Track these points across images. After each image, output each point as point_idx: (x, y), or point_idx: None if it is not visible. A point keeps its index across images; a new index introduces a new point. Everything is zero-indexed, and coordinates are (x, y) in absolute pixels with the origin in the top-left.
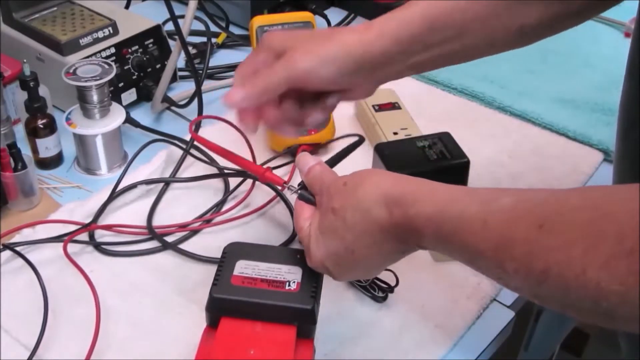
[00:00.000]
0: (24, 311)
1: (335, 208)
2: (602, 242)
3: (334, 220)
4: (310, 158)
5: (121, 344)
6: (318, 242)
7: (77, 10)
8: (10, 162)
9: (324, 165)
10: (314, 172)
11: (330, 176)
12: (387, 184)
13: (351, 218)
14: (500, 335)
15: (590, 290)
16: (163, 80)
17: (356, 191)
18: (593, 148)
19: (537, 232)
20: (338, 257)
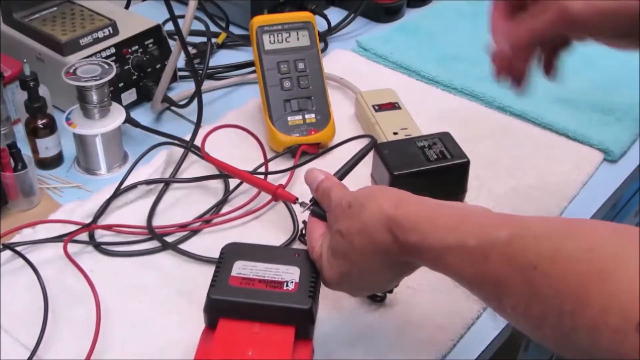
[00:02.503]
0: (24, 311)
1: (342, 231)
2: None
3: (343, 243)
4: (318, 173)
5: (121, 344)
6: (331, 264)
7: (77, 10)
8: (10, 162)
9: (332, 179)
10: (322, 188)
11: (337, 193)
12: (388, 206)
13: (358, 242)
14: (500, 335)
15: (582, 347)
16: (163, 80)
17: (360, 214)
18: (593, 148)
19: (533, 274)
20: (351, 278)
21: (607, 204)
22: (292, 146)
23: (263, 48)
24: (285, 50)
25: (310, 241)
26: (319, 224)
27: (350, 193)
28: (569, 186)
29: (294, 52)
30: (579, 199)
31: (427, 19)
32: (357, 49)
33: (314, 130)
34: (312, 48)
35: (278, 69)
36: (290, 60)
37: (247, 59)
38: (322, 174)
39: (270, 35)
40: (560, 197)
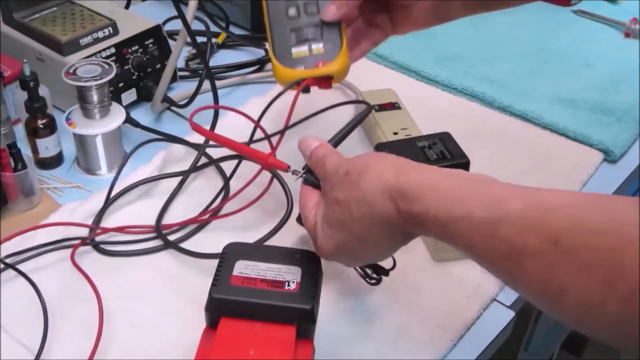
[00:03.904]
0: (24, 311)
1: (339, 199)
2: (623, 276)
3: (340, 212)
4: (312, 140)
5: (121, 344)
6: (326, 234)
7: (77, 10)
8: (10, 162)
9: (327, 146)
10: (316, 155)
11: (332, 160)
12: (389, 174)
13: (357, 210)
14: (500, 335)
15: (609, 321)
16: (163, 80)
17: (359, 182)
18: (593, 148)
19: (553, 248)
20: (348, 248)
21: None
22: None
23: None
24: None
25: (303, 211)
26: (313, 193)
27: (346, 160)
28: (569, 186)
29: None
30: None
31: None
32: None
33: (322, 62)
34: None
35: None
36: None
37: (247, 59)
38: (316, 140)
39: None
40: None
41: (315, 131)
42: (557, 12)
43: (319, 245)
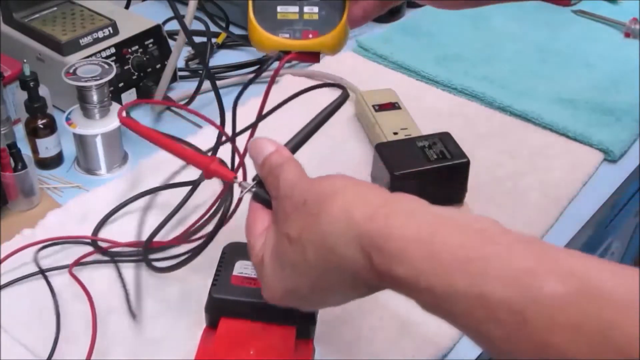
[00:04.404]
0: (24, 311)
1: (292, 237)
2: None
3: (293, 252)
4: (265, 143)
5: (121, 344)
6: (275, 272)
7: (77, 10)
8: (10, 162)
9: (283, 153)
10: (269, 165)
11: (289, 176)
12: (360, 214)
13: (313, 255)
14: None
15: None
16: (163, 80)
17: (319, 218)
18: (593, 148)
19: (609, 351)
20: (301, 294)
21: (607, 204)
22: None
23: None
24: None
25: (249, 236)
26: (263, 214)
27: (306, 181)
28: (569, 186)
29: None
30: (579, 199)
31: (427, 19)
32: (357, 49)
33: (312, 33)
34: None
35: None
36: None
37: (247, 59)
38: (270, 144)
39: None
40: (560, 197)
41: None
42: (557, 12)
43: (266, 285)
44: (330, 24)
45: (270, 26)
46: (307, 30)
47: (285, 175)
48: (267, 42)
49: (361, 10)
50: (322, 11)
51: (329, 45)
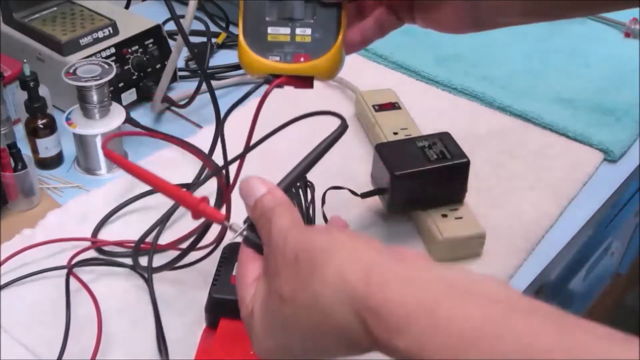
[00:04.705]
0: (24, 311)
1: (284, 297)
2: None
3: (284, 312)
4: (257, 184)
5: (121, 344)
6: (265, 328)
7: (77, 10)
8: (10, 162)
9: (276, 195)
10: (261, 209)
11: (281, 223)
12: (355, 276)
13: (306, 319)
14: None
15: None
16: (163, 80)
17: (311, 278)
18: (593, 148)
19: None
20: (292, 353)
21: (607, 204)
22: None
23: None
24: None
25: (239, 288)
26: (255, 262)
27: (299, 231)
28: (569, 186)
29: None
30: (579, 199)
31: None
32: None
33: (304, 56)
34: None
35: None
36: None
37: None
38: (262, 185)
39: None
40: (560, 197)
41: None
42: None
43: (256, 340)
44: (324, 47)
45: (260, 48)
46: (298, 54)
47: (277, 221)
48: (257, 65)
49: (359, 34)
50: (315, 33)
51: (322, 70)
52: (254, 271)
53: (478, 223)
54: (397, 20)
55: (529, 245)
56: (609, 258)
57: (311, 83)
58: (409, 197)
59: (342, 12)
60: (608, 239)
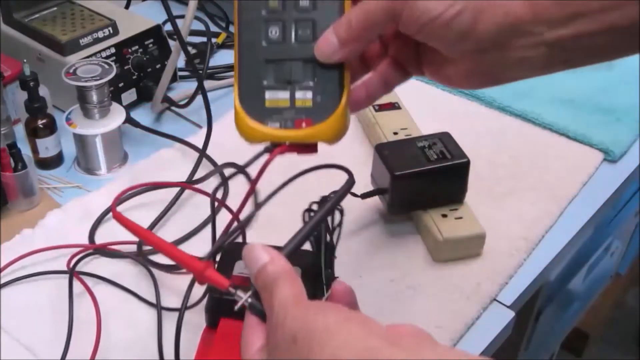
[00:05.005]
0: (24, 311)
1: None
2: None
3: None
4: (260, 252)
5: (121, 345)
6: None
7: (77, 10)
8: (10, 162)
9: (279, 264)
10: (264, 279)
11: (283, 296)
12: None
13: None
14: (500, 335)
15: None
16: (163, 80)
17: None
18: (593, 148)
19: None
20: None
21: (607, 204)
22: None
23: None
24: None
25: (244, 354)
26: (259, 330)
27: (299, 308)
28: (569, 186)
29: None
30: (579, 199)
31: None
32: None
33: (306, 122)
34: None
35: (263, 2)
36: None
37: None
38: (265, 253)
39: None
40: (560, 197)
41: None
42: None
43: None
44: (327, 110)
45: (258, 114)
46: (300, 119)
47: (279, 294)
48: (255, 133)
49: (364, 91)
50: (316, 96)
51: (326, 135)
52: (258, 340)
53: (478, 223)
54: (403, 74)
55: (529, 245)
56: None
57: (315, 148)
58: (409, 197)
59: (344, 71)
60: (608, 239)
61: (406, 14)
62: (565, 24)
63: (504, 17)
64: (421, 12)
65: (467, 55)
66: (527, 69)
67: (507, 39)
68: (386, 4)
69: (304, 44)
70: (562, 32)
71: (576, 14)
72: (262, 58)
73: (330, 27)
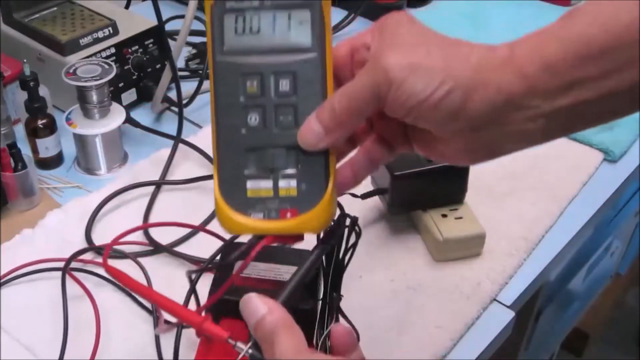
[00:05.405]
0: (24, 311)
1: None
2: None
3: None
4: (258, 304)
5: (121, 344)
6: None
7: (77, 10)
8: (10, 162)
9: (278, 315)
10: (263, 331)
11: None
12: None
13: None
14: (500, 335)
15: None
16: (163, 80)
17: None
18: (593, 148)
19: None
20: None
21: (607, 204)
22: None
23: (221, 43)
24: (261, 51)
25: None
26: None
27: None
28: (569, 186)
29: (278, 54)
30: (579, 199)
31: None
32: None
33: (291, 212)
34: (313, 50)
35: (241, 87)
36: (266, 72)
37: None
38: (263, 304)
39: (238, 17)
40: (560, 197)
41: None
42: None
43: None
44: (313, 198)
45: (240, 205)
46: (284, 209)
47: (280, 346)
48: (237, 226)
49: (350, 171)
50: (301, 184)
51: (312, 226)
52: None
53: (478, 223)
54: (391, 151)
55: (529, 245)
56: (609, 258)
57: (302, 237)
58: (409, 198)
59: (329, 155)
60: (608, 239)
61: (391, 97)
62: (562, 95)
63: (496, 93)
64: (408, 96)
65: (458, 133)
66: (525, 141)
67: (501, 115)
68: (370, 88)
69: (286, 130)
70: (560, 103)
71: (573, 83)
72: (242, 146)
73: (313, 114)
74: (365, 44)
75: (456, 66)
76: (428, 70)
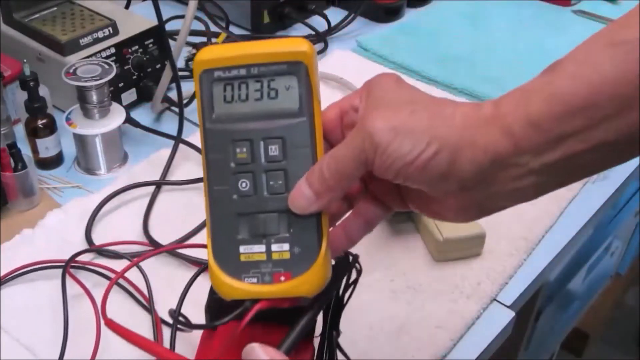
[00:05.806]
0: (24, 311)
1: None
2: None
3: None
4: (259, 353)
5: (121, 345)
6: None
7: (77, 10)
8: (10, 162)
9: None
10: None
11: None
12: None
13: None
14: (500, 335)
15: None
16: (163, 80)
17: None
18: None
19: None
20: None
21: (607, 204)
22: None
23: (210, 111)
24: (250, 117)
25: None
26: None
27: None
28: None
29: (266, 120)
30: (579, 199)
31: (427, 19)
32: (357, 49)
33: (284, 275)
34: (301, 114)
35: (230, 153)
36: (255, 138)
37: None
38: (264, 354)
39: (227, 86)
40: (559, 197)
41: None
42: (557, 12)
43: None
44: (307, 261)
45: (233, 270)
46: (278, 273)
47: None
48: (231, 290)
49: (343, 234)
50: (294, 247)
51: (306, 289)
52: None
53: (478, 223)
54: (386, 211)
55: (529, 245)
56: (608, 258)
57: (297, 300)
58: None
59: (322, 217)
60: (608, 239)
61: (378, 161)
62: (550, 149)
63: (483, 154)
64: (394, 159)
65: (450, 193)
66: (517, 199)
67: (490, 175)
68: (356, 152)
69: (277, 194)
70: (549, 158)
71: (560, 137)
72: (233, 212)
73: (303, 178)
74: (353, 106)
75: (441, 126)
76: (413, 132)
